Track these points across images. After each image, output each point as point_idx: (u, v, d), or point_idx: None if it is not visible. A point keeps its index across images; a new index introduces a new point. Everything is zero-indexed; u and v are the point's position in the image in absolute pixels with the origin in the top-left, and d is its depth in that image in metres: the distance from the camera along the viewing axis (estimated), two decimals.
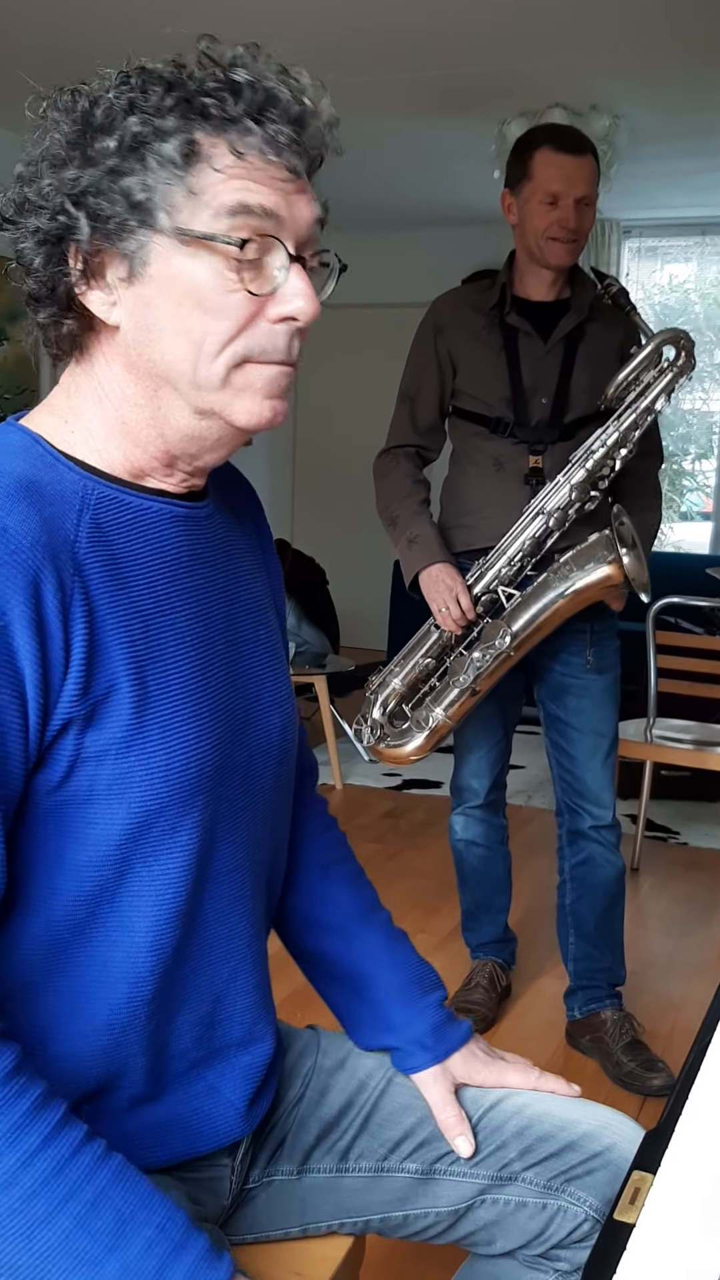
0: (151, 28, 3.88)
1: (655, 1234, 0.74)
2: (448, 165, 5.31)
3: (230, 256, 0.85)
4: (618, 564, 2.16)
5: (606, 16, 3.65)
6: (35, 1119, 0.78)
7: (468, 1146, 1.08)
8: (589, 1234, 1.05)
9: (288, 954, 1.22)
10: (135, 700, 0.87)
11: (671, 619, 4.50)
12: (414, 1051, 1.12)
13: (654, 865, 3.73)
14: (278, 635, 1.09)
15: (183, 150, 0.84)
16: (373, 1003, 1.15)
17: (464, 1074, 1.13)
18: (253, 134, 0.85)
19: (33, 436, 0.91)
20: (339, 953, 1.17)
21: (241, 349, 0.88)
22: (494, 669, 2.21)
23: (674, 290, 6.79)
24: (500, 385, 2.30)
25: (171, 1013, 0.96)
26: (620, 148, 4.61)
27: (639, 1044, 2.39)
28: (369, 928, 1.18)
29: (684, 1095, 0.89)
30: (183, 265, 0.86)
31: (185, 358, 0.88)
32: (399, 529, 2.37)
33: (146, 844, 0.89)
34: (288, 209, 0.87)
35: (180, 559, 0.95)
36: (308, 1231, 1.12)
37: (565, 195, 2.19)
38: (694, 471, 7.06)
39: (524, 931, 2.94)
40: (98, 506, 0.89)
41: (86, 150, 0.85)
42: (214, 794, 0.94)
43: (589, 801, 2.40)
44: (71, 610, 0.84)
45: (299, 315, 0.89)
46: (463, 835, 2.56)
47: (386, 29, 3.82)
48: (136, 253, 0.86)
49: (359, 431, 5.77)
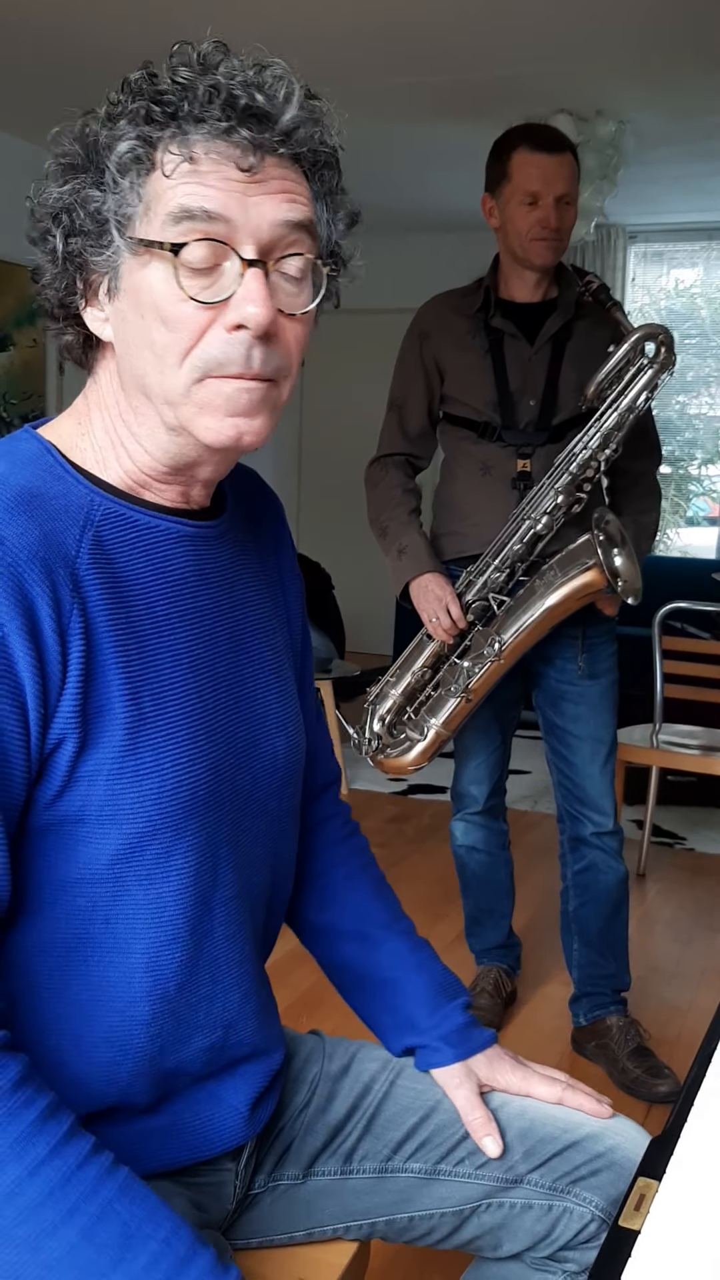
0: (152, 34, 3.90)
1: (660, 1241, 0.73)
2: (453, 170, 5.32)
3: (175, 264, 0.83)
4: (599, 568, 2.15)
5: (613, 21, 3.66)
6: (42, 1129, 0.78)
7: (495, 1147, 1.07)
8: (595, 1234, 1.05)
9: (290, 960, 1.22)
10: (129, 722, 0.87)
11: (678, 624, 4.49)
12: (439, 1048, 1.12)
13: (660, 871, 3.73)
14: (285, 656, 1.08)
15: (134, 156, 0.83)
16: (398, 1009, 1.16)
17: (488, 1076, 1.13)
18: (199, 134, 0.82)
19: (46, 446, 0.91)
20: (364, 960, 1.17)
21: (199, 361, 0.85)
22: (485, 677, 2.21)
23: (680, 295, 6.79)
24: (486, 389, 2.29)
25: (183, 1038, 0.95)
26: (627, 153, 4.62)
27: (645, 1050, 2.38)
28: (394, 935, 1.18)
29: (689, 1102, 0.88)
30: (144, 277, 0.85)
31: (151, 370, 0.87)
32: (389, 539, 2.37)
33: (141, 866, 0.88)
34: (242, 211, 0.83)
35: (185, 579, 0.94)
36: (312, 1236, 1.12)
37: (544, 194, 2.18)
38: (700, 476, 7.06)
39: (529, 937, 2.94)
40: (102, 523, 0.89)
41: (74, 170, 0.86)
42: (211, 817, 0.93)
43: (589, 808, 2.39)
44: (69, 627, 0.84)
45: (248, 322, 0.84)
46: (463, 841, 2.56)
47: (391, 33, 3.82)
48: (115, 269, 0.87)
49: (364, 436, 5.77)
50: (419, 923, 1.23)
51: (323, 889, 1.19)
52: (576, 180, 2.23)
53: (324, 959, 1.21)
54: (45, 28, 3.87)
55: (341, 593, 5.79)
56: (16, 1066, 0.80)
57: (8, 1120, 0.77)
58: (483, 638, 2.21)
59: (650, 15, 3.59)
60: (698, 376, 6.78)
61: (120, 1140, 0.89)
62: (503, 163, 2.23)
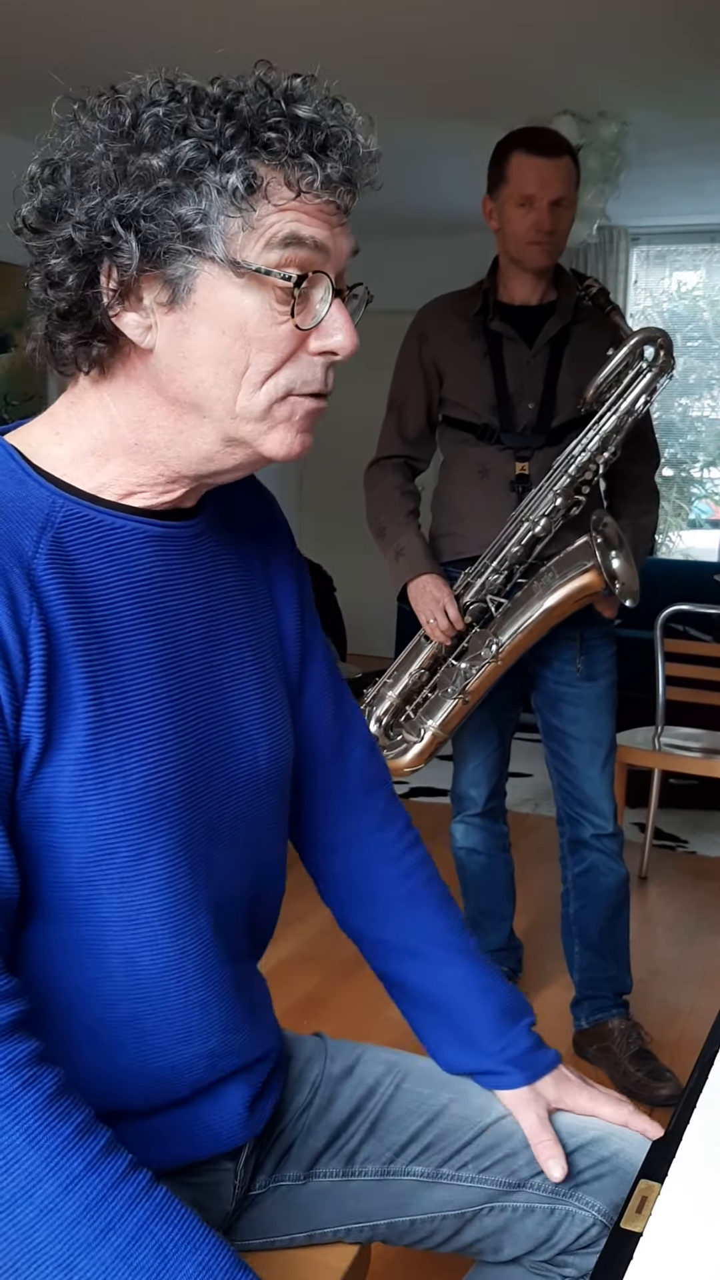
0: (154, 36, 3.91)
1: (662, 1243, 0.73)
2: (454, 172, 5.32)
3: (283, 290, 0.85)
4: (596, 571, 2.15)
5: (615, 23, 3.66)
6: (79, 1144, 0.77)
7: (560, 1170, 1.06)
8: (596, 1239, 1.05)
9: (291, 963, 1.22)
10: (91, 722, 0.86)
11: (680, 626, 4.49)
12: (507, 1071, 1.11)
13: (662, 874, 3.72)
14: (270, 658, 1.06)
15: (245, 182, 0.83)
16: (461, 1029, 1.13)
17: (556, 1097, 1.11)
18: (313, 171, 0.84)
19: (7, 450, 0.90)
20: (425, 979, 1.15)
21: (284, 381, 0.88)
22: (483, 679, 2.21)
23: (682, 297, 6.79)
24: (485, 392, 2.30)
25: (171, 1042, 0.94)
26: (629, 154, 4.61)
27: (646, 1053, 2.38)
28: (458, 956, 1.15)
29: (691, 1105, 0.88)
30: (231, 296, 0.85)
31: (226, 387, 0.87)
32: (387, 540, 2.37)
33: (112, 869, 0.88)
34: (333, 243, 0.88)
35: (152, 579, 0.93)
36: (313, 1238, 1.12)
37: (540, 197, 2.18)
38: (703, 479, 7.06)
39: (531, 940, 2.94)
40: (63, 525, 0.88)
41: (128, 165, 0.82)
42: (185, 819, 0.92)
43: (589, 810, 2.39)
44: (28, 626, 0.83)
45: (339, 350, 0.89)
46: (463, 843, 2.56)
47: (394, 34, 3.83)
48: (182, 279, 0.85)
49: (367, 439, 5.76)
50: None
51: (380, 907, 1.16)
52: (574, 184, 2.23)
53: (380, 970, 1.19)
54: (45, 28, 3.88)
55: (343, 595, 5.78)
56: (52, 1078, 0.78)
57: (44, 1133, 0.76)
58: (480, 639, 2.21)
59: (653, 16, 3.60)
60: (700, 379, 6.78)
61: (118, 1139, 0.89)
62: (501, 165, 2.24)
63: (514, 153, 2.21)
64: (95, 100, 0.86)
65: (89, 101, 0.86)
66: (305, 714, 1.13)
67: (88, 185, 0.83)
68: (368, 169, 0.88)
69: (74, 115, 0.86)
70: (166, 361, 0.87)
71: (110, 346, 0.88)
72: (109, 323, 0.86)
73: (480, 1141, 1.09)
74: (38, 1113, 0.76)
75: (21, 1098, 0.76)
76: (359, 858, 1.17)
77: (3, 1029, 0.78)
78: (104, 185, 0.83)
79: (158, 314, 0.86)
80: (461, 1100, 1.13)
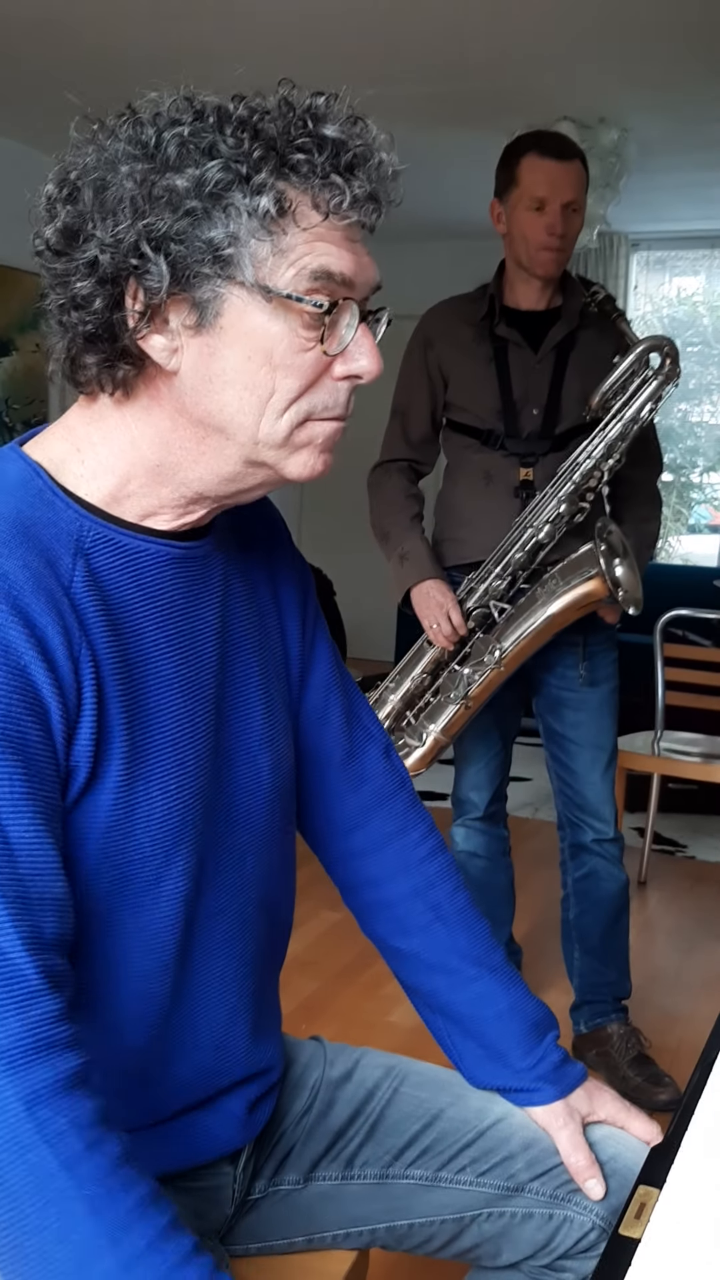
0: (156, 42, 3.91)
1: (661, 1249, 0.73)
2: (455, 178, 5.32)
3: (312, 316, 0.84)
4: (600, 578, 2.15)
5: (615, 29, 3.66)
6: (142, 1217, 0.72)
7: (599, 1189, 1.05)
8: (595, 1243, 1.05)
9: (290, 967, 1.21)
10: (126, 753, 0.85)
11: (679, 631, 4.49)
12: (539, 1088, 1.09)
13: (661, 879, 3.72)
14: (275, 670, 1.05)
15: (276, 206, 0.82)
16: (489, 1045, 1.12)
17: (589, 1109, 1.10)
18: (340, 192, 0.83)
19: (33, 469, 0.88)
20: (451, 994, 1.13)
21: (306, 406, 0.87)
22: (485, 684, 2.21)
23: (683, 303, 6.80)
24: (490, 397, 2.29)
25: (171, 1062, 0.94)
26: (629, 160, 4.62)
27: (645, 1058, 2.38)
28: (485, 972, 1.13)
29: (690, 1110, 0.88)
30: (259, 321, 0.84)
31: (250, 412, 0.86)
32: (390, 544, 2.37)
33: (131, 893, 0.87)
34: (360, 271, 0.87)
35: (173, 601, 0.92)
36: (312, 1243, 1.12)
37: (551, 200, 2.18)
38: (702, 484, 7.06)
39: (530, 945, 2.93)
40: (92, 549, 0.87)
41: (153, 187, 0.81)
42: (199, 840, 0.92)
43: (590, 815, 2.39)
44: (80, 656, 0.82)
45: (364, 374, 0.89)
46: (464, 847, 2.56)
47: (394, 40, 3.83)
48: (210, 302, 0.83)
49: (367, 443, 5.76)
50: None
51: (403, 918, 1.14)
52: (584, 188, 2.23)
53: (404, 981, 1.17)
54: (47, 33, 3.88)
55: (343, 599, 5.79)
56: (117, 1144, 0.74)
57: (107, 1203, 0.72)
58: (483, 645, 2.21)
59: (653, 23, 3.60)
60: (700, 384, 6.79)
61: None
62: (511, 168, 2.24)
63: (525, 156, 2.21)
64: (115, 120, 0.85)
65: (109, 122, 0.85)
66: (313, 716, 1.11)
67: (111, 206, 0.82)
68: (391, 187, 0.88)
69: (92, 135, 0.84)
70: (191, 384, 0.86)
71: (135, 369, 0.86)
72: (135, 345, 0.85)
73: (478, 1145, 1.09)
74: (102, 1180, 0.72)
75: (86, 1162, 0.72)
76: (378, 865, 1.15)
77: (69, 1081, 0.74)
78: (130, 206, 0.81)
79: (184, 337, 0.85)
80: (459, 1103, 1.12)
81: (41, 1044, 0.74)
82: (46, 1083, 0.73)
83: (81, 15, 3.70)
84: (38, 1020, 0.74)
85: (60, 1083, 0.73)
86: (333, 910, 3.04)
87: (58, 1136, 0.72)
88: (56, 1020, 0.75)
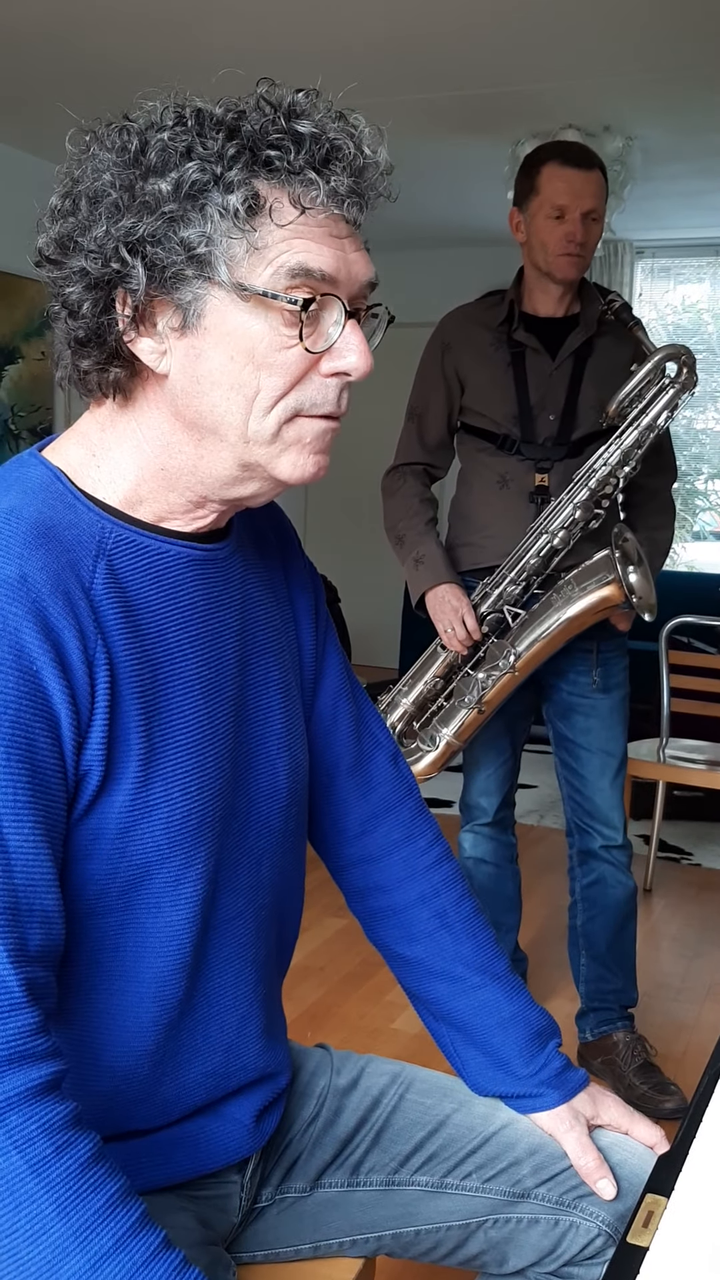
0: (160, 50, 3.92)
1: (669, 1258, 0.73)
2: (461, 186, 5.34)
3: (290, 313, 0.84)
4: (617, 584, 2.16)
5: (620, 37, 3.67)
6: (109, 1219, 0.74)
7: (611, 1189, 1.05)
8: (601, 1249, 1.05)
9: (295, 974, 1.21)
10: (143, 753, 0.86)
11: (684, 639, 4.49)
12: (542, 1093, 1.10)
13: (666, 886, 3.71)
14: (293, 674, 1.06)
15: (246, 203, 0.82)
16: (491, 1053, 1.12)
17: (593, 1113, 1.10)
18: (315, 187, 0.83)
19: (54, 473, 0.89)
20: (454, 1001, 1.13)
21: (293, 403, 0.87)
22: (499, 689, 2.21)
23: (687, 310, 6.80)
24: (507, 402, 2.31)
25: (181, 1065, 0.94)
26: (634, 168, 4.63)
27: (651, 1066, 2.37)
28: (489, 981, 1.13)
29: (697, 1118, 0.88)
30: (239, 320, 0.85)
31: (237, 411, 0.87)
32: (405, 548, 2.38)
33: (150, 894, 0.88)
34: (345, 267, 0.86)
35: (195, 603, 0.93)
36: (319, 1250, 1.11)
37: (572, 208, 2.20)
38: (707, 491, 7.06)
39: (535, 952, 2.93)
40: (114, 550, 0.88)
41: (136, 192, 0.82)
42: (217, 842, 0.92)
43: (599, 821, 2.39)
44: (95, 658, 0.83)
45: (352, 371, 0.88)
46: (471, 853, 2.55)
47: (398, 48, 3.84)
48: (192, 304, 0.85)
49: (372, 449, 5.78)
50: None
51: (408, 925, 1.14)
52: (604, 198, 2.25)
53: (408, 988, 1.17)
54: (51, 43, 3.89)
55: (348, 605, 5.79)
56: (87, 1145, 0.76)
57: (74, 1205, 0.74)
58: (498, 649, 2.22)
59: (658, 31, 3.61)
60: (704, 391, 6.78)
61: (123, 1155, 0.88)
62: (532, 176, 2.26)
63: (547, 164, 2.23)
64: (105, 130, 0.86)
65: (100, 131, 0.86)
66: (323, 722, 1.12)
67: (99, 214, 0.83)
68: (376, 181, 0.87)
69: (87, 146, 0.86)
70: (181, 386, 0.87)
71: (128, 372, 0.88)
72: (125, 349, 0.87)
73: (484, 1151, 1.09)
74: (70, 1182, 0.74)
75: (55, 1165, 0.74)
76: (385, 872, 1.15)
77: (40, 1088, 0.76)
78: (113, 213, 0.83)
79: (171, 339, 0.86)
80: (465, 1110, 1.12)
81: (16, 1055, 0.76)
82: (18, 1090, 0.75)
83: (87, 23, 3.71)
84: (15, 1032, 0.76)
85: (31, 1090, 0.75)
86: (337, 917, 3.04)
87: (26, 1142, 0.74)
88: (34, 1033, 0.77)
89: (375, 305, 0.93)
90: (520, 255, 2.35)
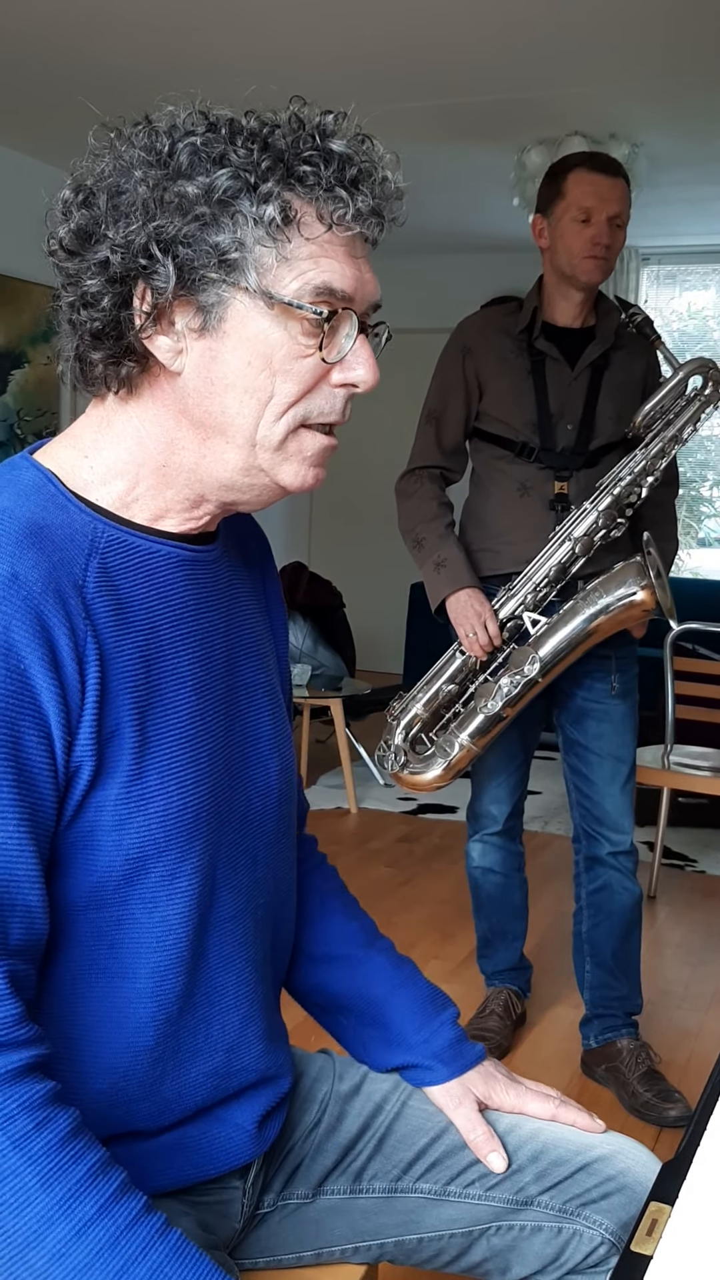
0: (165, 55, 3.93)
1: (673, 1266, 0.73)
2: (467, 192, 5.34)
3: (311, 323, 0.87)
4: (650, 590, 2.16)
5: (626, 45, 3.68)
6: (91, 1186, 0.77)
7: (501, 1162, 1.07)
8: (604, 1258, 1.05)
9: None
10: (135, 746, 0.87)
11: (689, 645, 4.48)
12: (433, 1066, 1.12)
13: (671, 893, 3.71)
14: (276, 678, 1.08)
15: (281, 215, 0.85)
16: (386, 1024, 1.15)
17: (484, 1093, 1.12)
18: (344, 205, 0.86)
19: (45, 474, 0.91)
20: (345, 982, 1.17)
21: (303, 410, 0.90)
22: (522, 696, 2.21)
23: (693, 317, 6.80)
24: (527, 409, 2.31)
25: (183, 1063, 0.95)
26: (640, 175, 4.63)
27: (655, 1074, 2.36)
28: (375, 953, 1.18)
29: (702, 1126, 0.88)
30: (261, 326, 0.87)
31: (248, 414, 0.89)
32: (425, 551, 2.37)
33: (146, 889, 0.89)
34: (360, 286, 0.90)
35: (185, 602, 0.95)
36: (321, 1257, 1.11)
37: (598, 211, 2.22)
38: (712, 498, 7.06)
39: (539, 959, 2.92)
40: (105, 550, 0.89)
41: (165, 192, 0.84)
42: (213, 839, 0.94)
43: (607, 827, 2.38)
44: (85, 654, 0.84)
45: (360, 384, 0.92)
46: (480, 862, 2.55)
47: (406, 56, 3.85)
48: (214, 306, 0.86)
49: (377, 455, 5.79)
50: (428, 942, 1.23)
51: (297, 917, 1.17)
52: (628, 206, 2.28)
53: (300, 986, 1.19)
54: (58, 47, 3.91)
55: (352, 611, 5.79)
56: (67, 1120, 0.79)
57: (56, 1176, 0.76)
58: (521, 655, 2.21)
59: (664, 39, 3.61)
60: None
61: (125, 1160, 0.88)
62: (558, 182, 2.28)
63: (574, 170, 2.26)
64: (131, 129, 0.88)
65: (125, 130, 0.88)
66: None
67: (124, 210, 0.85)
68: (394, 205, 0.91)
69: (110, 143, 0.88)
70: (194, 386, 0.89)
71: (140, 367, 0.89)
72: (140, 344, 0.88)
73: None
74: (51, 1154, 0.77)
75: (35, 1139, 0.77)
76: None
77: (19, 1071, 0.78)
78: (142, 210, 0.84)
79: (189, 339, 0.88)
80: None
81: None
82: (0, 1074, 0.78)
83: (91, 28, 3.72)
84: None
85: (11, 1073, 0.78)
86: None
87: (7, 1119, 0.77)
88: (15, 1024, 0.80)
89: (379, 323, 0.96)
90: (536, 263, 2.36)
